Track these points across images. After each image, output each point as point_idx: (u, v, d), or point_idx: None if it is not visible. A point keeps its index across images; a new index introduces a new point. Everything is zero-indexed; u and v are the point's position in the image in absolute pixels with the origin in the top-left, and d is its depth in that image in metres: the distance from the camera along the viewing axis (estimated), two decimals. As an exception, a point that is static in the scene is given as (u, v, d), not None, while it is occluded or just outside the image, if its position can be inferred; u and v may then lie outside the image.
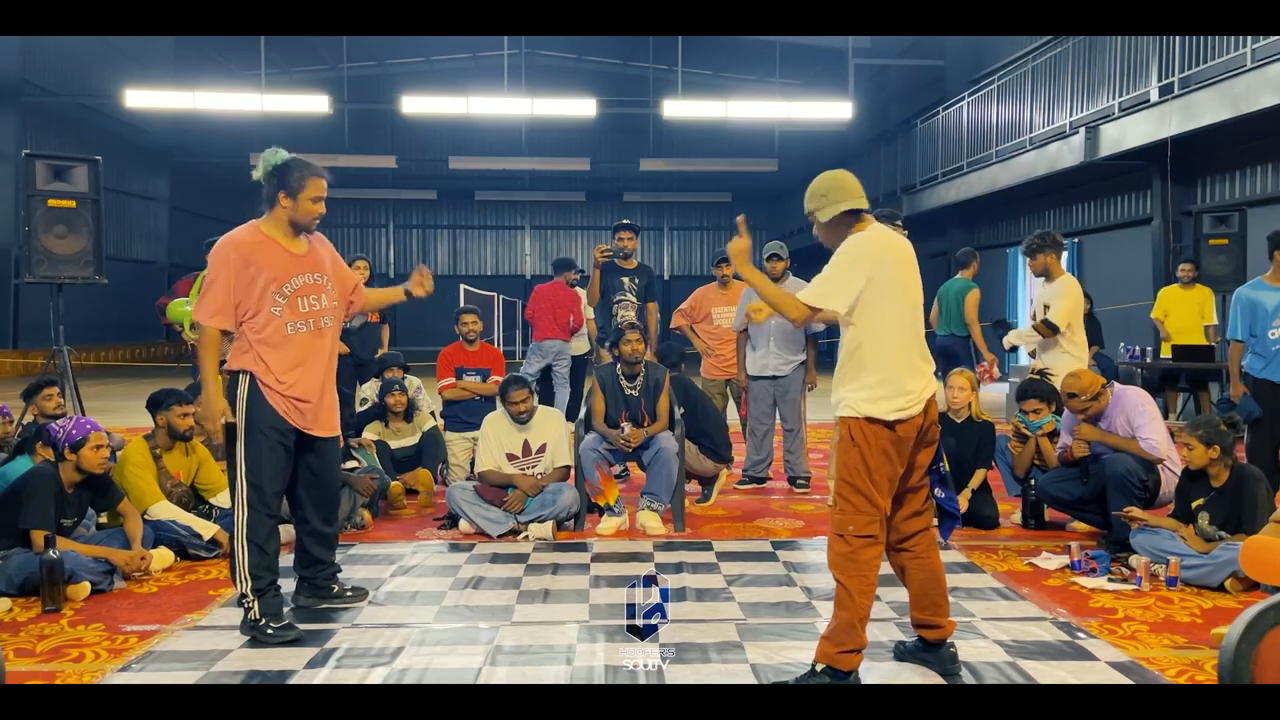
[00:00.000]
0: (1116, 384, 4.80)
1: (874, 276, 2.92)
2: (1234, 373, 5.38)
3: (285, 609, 3.61)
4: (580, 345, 8.09)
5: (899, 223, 5.78)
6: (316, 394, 3.57)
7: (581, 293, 7.85)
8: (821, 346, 6.40)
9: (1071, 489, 4.77)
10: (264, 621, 3.46)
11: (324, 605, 3.82)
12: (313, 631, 3.53)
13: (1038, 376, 5.12)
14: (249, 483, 3.48)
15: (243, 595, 3.50)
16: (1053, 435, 5.01)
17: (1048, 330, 5.28)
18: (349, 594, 3.91)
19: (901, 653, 3.25)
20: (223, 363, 3.58)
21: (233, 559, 3.54)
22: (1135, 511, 4.27)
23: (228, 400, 3.49)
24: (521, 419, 5.19)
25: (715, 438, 5.72)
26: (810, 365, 6.13)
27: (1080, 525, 4.99)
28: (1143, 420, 4.53)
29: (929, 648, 3.13)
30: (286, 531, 4.86)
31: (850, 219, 3.03)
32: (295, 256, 3.56)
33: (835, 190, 3.02)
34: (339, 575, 3.95)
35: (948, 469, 3.18)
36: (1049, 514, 5.14)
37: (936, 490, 3.15)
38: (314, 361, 3.56)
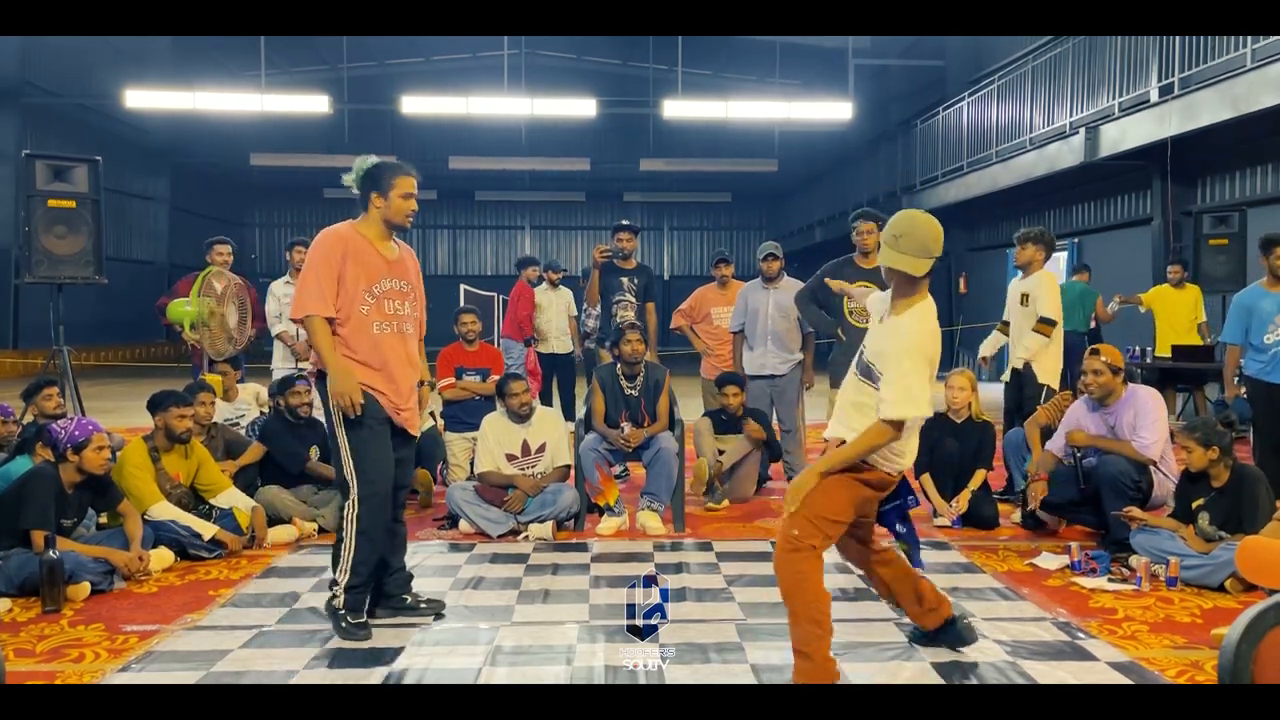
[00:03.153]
0: (1131, 384, 4.80)
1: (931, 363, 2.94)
2: (1228, 376, 5.45)
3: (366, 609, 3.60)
4: (565, 344, 8.34)
5: (878, 222, 5.82)
6: (406, 396, 3.60)
7: (550, 292, 8.48)
8: (820, 346, 6.41)
9: (1065, 491, 4.77)
10: (344, 612, 3.48)
11: (399, 620, 3.66)
12: (313, 631, 3.53)
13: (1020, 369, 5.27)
14: (361, 477, 3.47)
15: (334, 583, 3.52)
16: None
17: (1049, 328, 5.39)
18: (423, 605, 3.74)
19: (917, 637, 3.35)
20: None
21: (340, 548, 3.51)
22: (1135, 512, 4.27)
23: (321, 398, 3.53)
24: (521, 414, 5.20)
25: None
26: (807, 364, 6.14)
27: (1076, 528, 4.99)
28: (1145, 421, 4.54)
29: (939, 629, 3.25)
30: (288, 531, 4.89)
31: (907, 281, 2.95)
32: (387, 261, 3.58)
33: (909, 240, 2.89)
34: (412, 583, 3.81)
35: (917, 498, 3.23)
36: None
37: (898, 526, 3.22)
38: (399, 363, 3.57)
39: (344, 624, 3.46)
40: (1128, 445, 4.51)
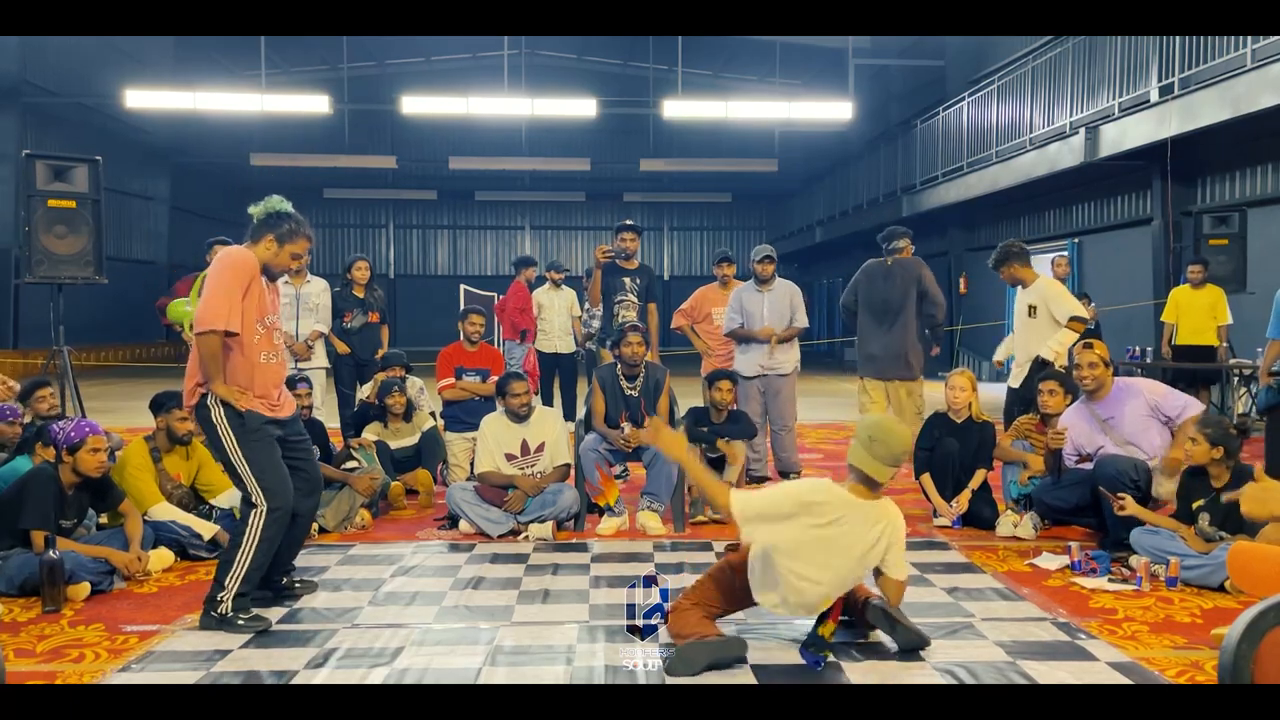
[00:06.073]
0: (1118, 378, 4.82)
1: (792, 520, 3.12)
2: (1265, 368, 5.45)
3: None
4: (568, 344, 8.37)
5: (908, 239, 5.93)
6: (276, 409, 3.73)
7: (552, 292, 8.60)
8: (822, 346, 6.45)
9: (1066, 496, 4.76)
10: (233, 615, 3.54)
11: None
12: (313, 631, 3.54)
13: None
14: (268, 492, 3.59)
15: (221, 587, 3.56)
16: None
17: (1081, 325, 5.51)
18: (298, 586, 3.97)
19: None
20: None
21: (234, 556, 3.58)
22: (1129, 501, 4.26)
23: (202, 422, 3.60)
24: (520, 414, 5.20)
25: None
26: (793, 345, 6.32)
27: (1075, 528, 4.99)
28: (1156, 397, 4.62)
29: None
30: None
31: (864, 479, 3.19)
32: (274, 290, 3.79)
33: (879, 446, 3.14)
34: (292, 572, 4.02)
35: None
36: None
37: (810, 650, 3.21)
38: (275, 388, 3.74)
39: (240, 622, 3.53)
40: (1187, 423, 4.48)
